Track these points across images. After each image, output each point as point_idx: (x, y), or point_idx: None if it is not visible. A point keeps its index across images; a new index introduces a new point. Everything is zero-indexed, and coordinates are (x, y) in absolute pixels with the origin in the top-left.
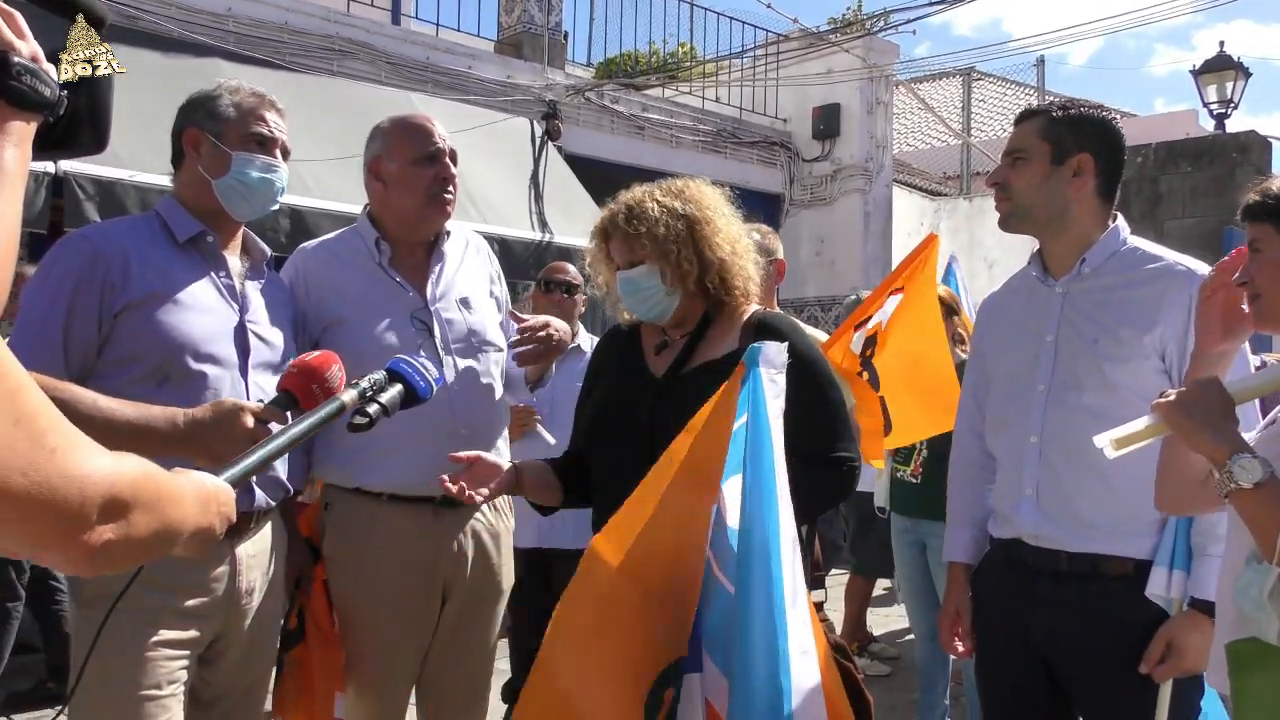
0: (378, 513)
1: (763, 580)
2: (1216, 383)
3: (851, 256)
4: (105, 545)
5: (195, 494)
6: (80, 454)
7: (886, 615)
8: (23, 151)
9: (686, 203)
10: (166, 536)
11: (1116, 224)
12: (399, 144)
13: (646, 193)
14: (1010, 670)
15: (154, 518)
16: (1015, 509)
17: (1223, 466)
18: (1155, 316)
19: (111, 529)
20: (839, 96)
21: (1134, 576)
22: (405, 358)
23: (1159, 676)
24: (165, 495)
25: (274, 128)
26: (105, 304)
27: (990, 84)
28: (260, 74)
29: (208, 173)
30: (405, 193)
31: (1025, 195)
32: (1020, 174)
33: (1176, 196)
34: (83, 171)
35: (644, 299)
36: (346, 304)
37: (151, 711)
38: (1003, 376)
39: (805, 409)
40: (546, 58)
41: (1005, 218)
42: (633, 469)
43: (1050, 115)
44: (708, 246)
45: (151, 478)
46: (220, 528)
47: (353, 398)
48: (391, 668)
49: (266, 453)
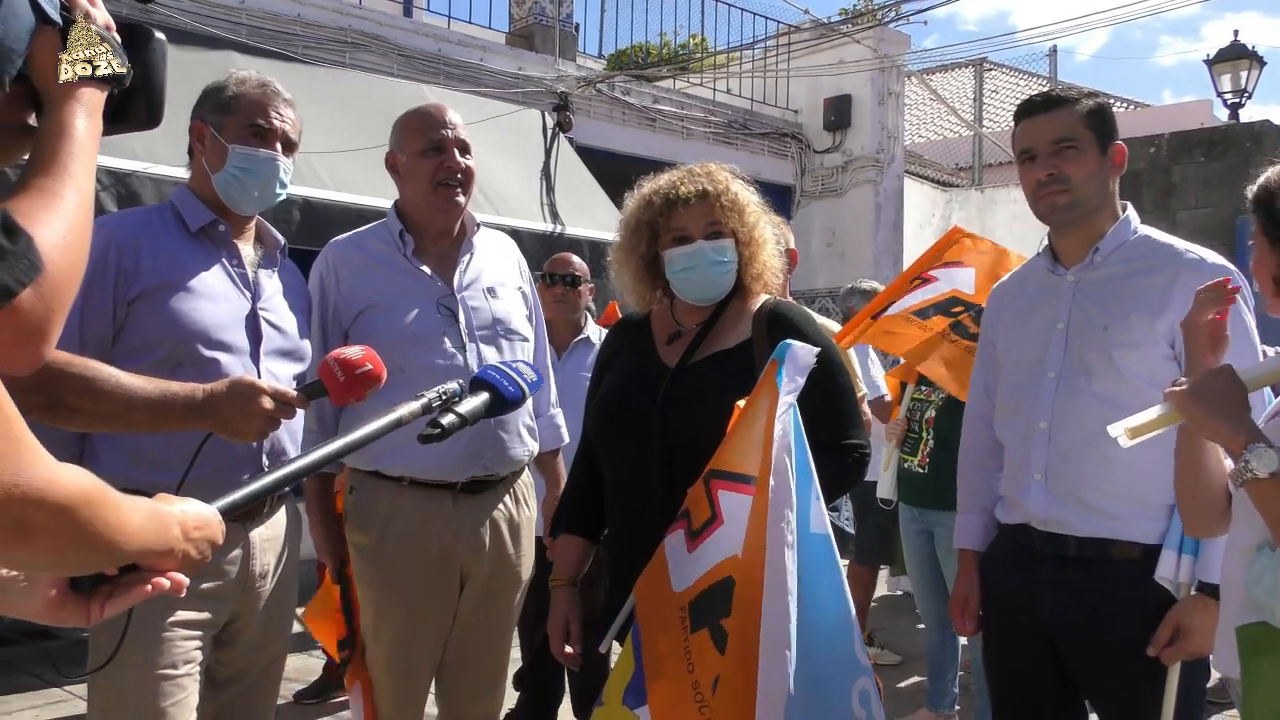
0: (398, 498)
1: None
2: (1230, 371)
3: (863, 248)
4: (17, 543)
5: (146, 518)
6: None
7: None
8: (94, 122)
9: (747, 189)
10: (89, 549)
11: (1127, 214)
12: (407, 137)
13: (714, 170)
14: (1018, 655)
15: (77, 530)
16: (1024, 494)
17: (1239, 456)
18: (1165, 304)
19: (30, 530)
20: (850, 87)
21: (1141, 561)
22: (494, 365)
23: (1167, 659)
24: (100, 515)
25: (275, 119)
26: (119, 292)
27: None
28: (272, 66)
29: (208, 165)
30: (413, 184)
31: (1085, 185)
32: (1076, 164)
33: (1189, 187)
34: (99, 163)
35: (723, 271)
36: (375, 294)
37: (168, 690)
38: (1013, 363)
39: (816, 397)
40: (558, 50)
41: (1062, 210)
42: (644, 458)
43: (1085, 103)
44: (755, 230)
45: (89, 497)
46: (199, 553)
47: (413, 411)
48: (410, 653)
49: (289, 473)
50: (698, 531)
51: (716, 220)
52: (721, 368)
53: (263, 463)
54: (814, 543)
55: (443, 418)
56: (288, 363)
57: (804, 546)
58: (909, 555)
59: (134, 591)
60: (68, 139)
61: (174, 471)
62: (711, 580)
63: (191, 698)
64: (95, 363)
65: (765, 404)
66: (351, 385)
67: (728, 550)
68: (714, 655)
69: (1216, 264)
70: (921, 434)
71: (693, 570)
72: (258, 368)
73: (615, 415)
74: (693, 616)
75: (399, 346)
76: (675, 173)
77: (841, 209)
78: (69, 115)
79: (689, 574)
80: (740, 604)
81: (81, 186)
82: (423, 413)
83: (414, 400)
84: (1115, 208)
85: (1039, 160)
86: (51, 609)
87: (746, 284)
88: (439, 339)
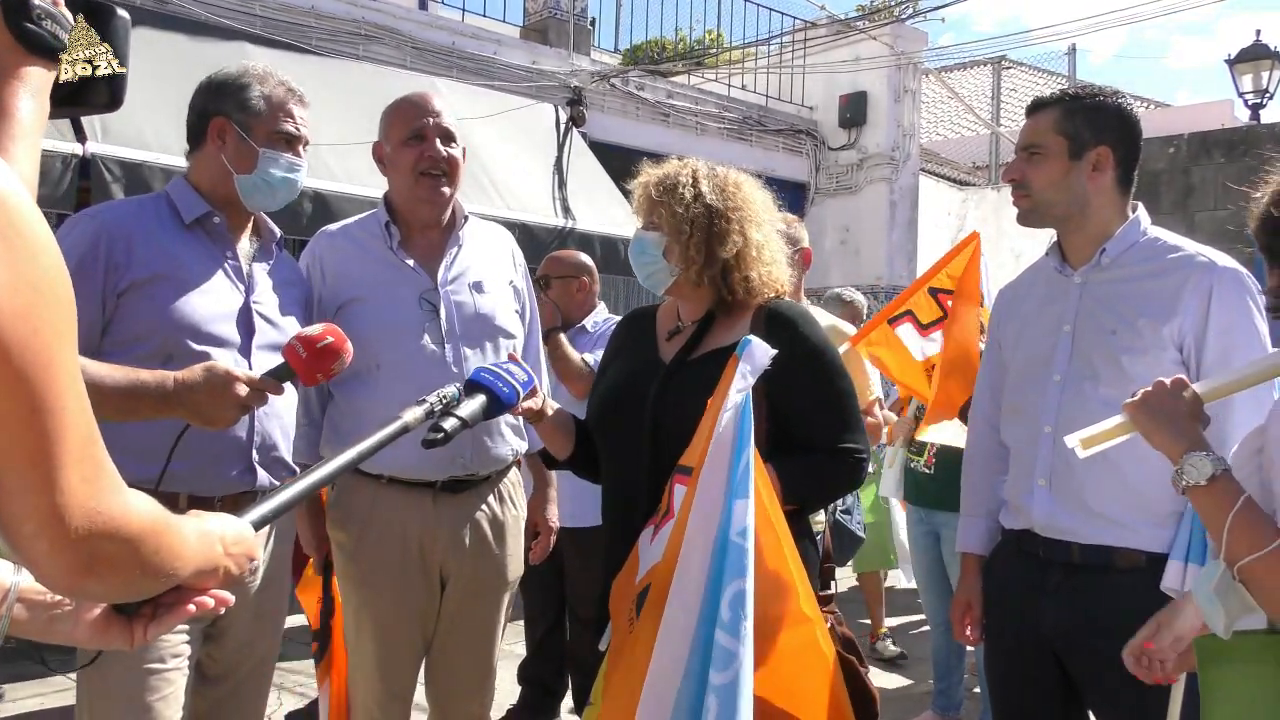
0: (377, 495)
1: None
2: (1181, 382)
3: (877, 246)
4: (91, 574)
5: (198, 539)
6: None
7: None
8: (40, 103)
9: (722, 195)
10: (154, 577)
11: (1136, 215)
12: (390, 125)
13: (690, 169)
14: (1020, 661)
15: (144, 560)
16: (1027, 499)
17: (1176, 464)
18: (1174, 307)
19: (104, 562)
20: (866, 84)
21: (1146, 569)
22: (487, 367)
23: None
24: (165, 542)
25: (299, 123)
26: (109, 283)
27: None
28: (286, 58)
29: (232, 165)
30: (397, 174)
31: (1044, 192)
32: (1038, 170)
33: (1209, 188)
34: (109, 154)
35: (645, 264)
36: (358, 286)
37: (155, 685)
38: (1018, 366)
39: (814, 399)
40: (572, 44)
41: (1024, 214)
42: (636, 452)
43: (1065, 106)
44: (719, 244)
45: (155, 526)
46: (238, 568)
47: (418, 416)
48: (391, 651)
49: (313, 482)
50: (658, 525)
51: (652, 215)
52: (716, 366)
53: (253, 457)
54: (728, 548)
55: (444, 421)
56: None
57: (716, 551)
58: (915, 556)
59: (177, 612)
60: (9, 121)
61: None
62: (652, 576)
63: (179, 692)
64: None
65: (722, 398)
66: (315, 361)
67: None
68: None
69: (1228, 266)
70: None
71: (647, 562)
72: (249, 361)
73: (610, 408)
74: (637, 608)
75: (378, 339)
76: (666, 164)
77: (856, 207)
78: (11, 96)
79: (645, 565)
80: (652, 595)
81: (23, 172)
82: (425, 417)
83: (416, 405)
84: (1121, 207)
85: (1012, 163)
86: (97, 633)
87: (729, 297)
88: (419, 334)
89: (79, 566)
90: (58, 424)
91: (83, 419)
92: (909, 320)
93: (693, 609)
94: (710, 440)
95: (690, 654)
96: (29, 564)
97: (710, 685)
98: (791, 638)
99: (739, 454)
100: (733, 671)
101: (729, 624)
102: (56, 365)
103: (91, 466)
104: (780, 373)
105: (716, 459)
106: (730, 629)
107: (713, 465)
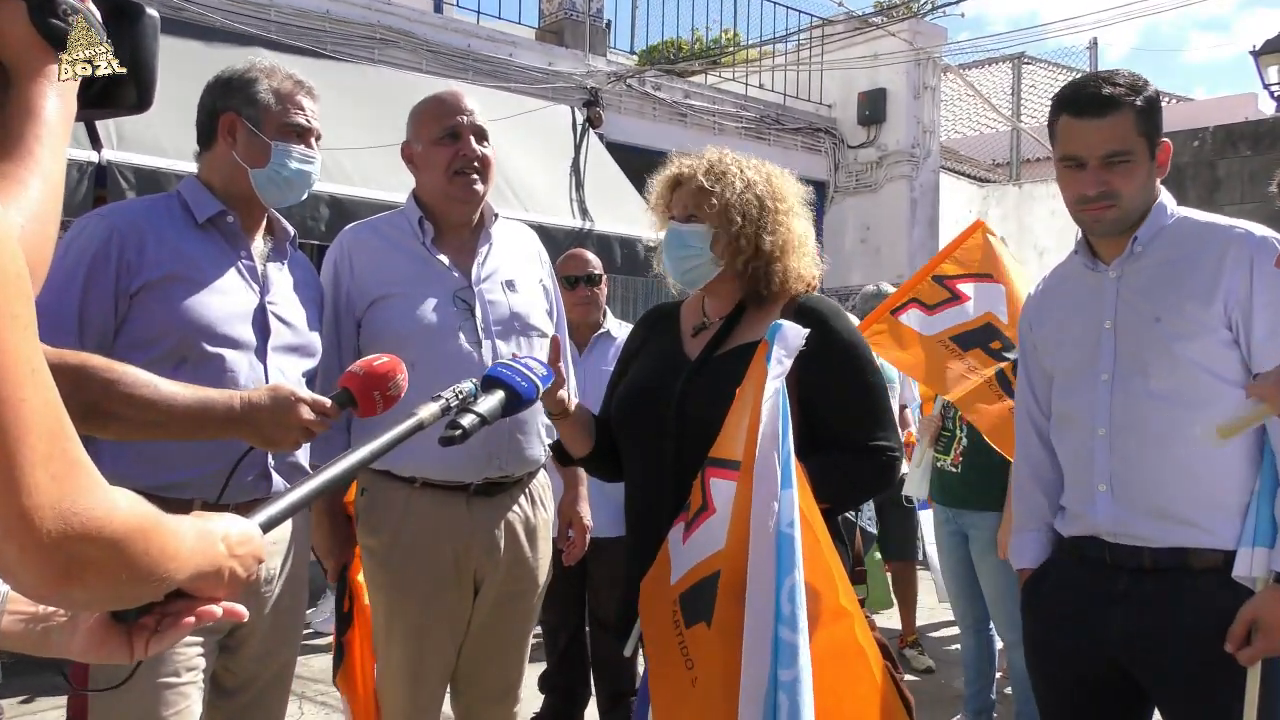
0: (410, 499)
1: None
2: None
3: (897, 244)
4: (71, 580)
5: (196, 539)
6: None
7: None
8: (66, 103)
9: (769, 184)
10: (144, 581)
11: (1161, 198)
12: (422, 125)
13: (734, 158)
14: (1075, 667)
15: (131, 562)
16: (1088, 507)
17: None
18: (1217, 284)
19: (85, 566)
20: (885, 81)
21: (1223, 569)
22: (505, 362)
23: (1245, 660)
24: (155, 543)
25: (310, 115)
26: (122, 284)
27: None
28: (302, 63)
29: (244, 161)
30: (430, 173)
31: (1134, 198)
32: (1128, 179)
33: (1235, 181)
34: (125, 161)
35: (687, 257)
36: (390, 283)
37: (170, 700)
38: (1062, 371)
39: (846, 395)
40: (588, 45)
41: (1111, 223)
42: (661, 450)
43: (1138, 106)
44: (768, 235)
45: (143, 525)
46: (245, 570)
47: (433, 413)
48: (422, 658)
49: (325, 481)
50: (691, 521)
51: (700, 205)
52: (744, 362)
53: (268, 463)
54: (781, 541)
55: (462, 418)
56: (296, 358)
57: (777, 546)
58: (943, 557)
59: (181, 625)
60: (34, 121)
61: (181, 471)
62: (703, 573)
63: (195, 705)
64: (133, 368)
65: (754, 387)
66: (370, 381)
67: (719, 541)
68: (714, 648)
69: (1265, 236)
70: (955, 432)
71: (685, 561)
72: (264, 364)
73: (634, 406)
74: (685, 611)
75: (412, 339)
76: (702, 153)
77: (876, 205)
78: (37, 95)
79: (683, 565)
80: (725, 595)
81: (49, 173)
82: (441, 414)
83: (432, 401)
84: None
85: (1088, 171)
86: (94, 646)
87: (764, 291)
88: (454, 333)
89: (56, 572)
90: (16, 418)
91: (48, 412)
92: (914, 306)
93: (768, 607)
94: (758, 431)
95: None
96: (1, 571)
97: (780, 682)
98: (831, 635)
99: (783, 443)
100: (798, 667)
101: (789, 618)
102: (9, 353)
103: (63, 464)
104: (811, 367)
105: (767, 450)
106: (790, 623)
107: (764, 457)
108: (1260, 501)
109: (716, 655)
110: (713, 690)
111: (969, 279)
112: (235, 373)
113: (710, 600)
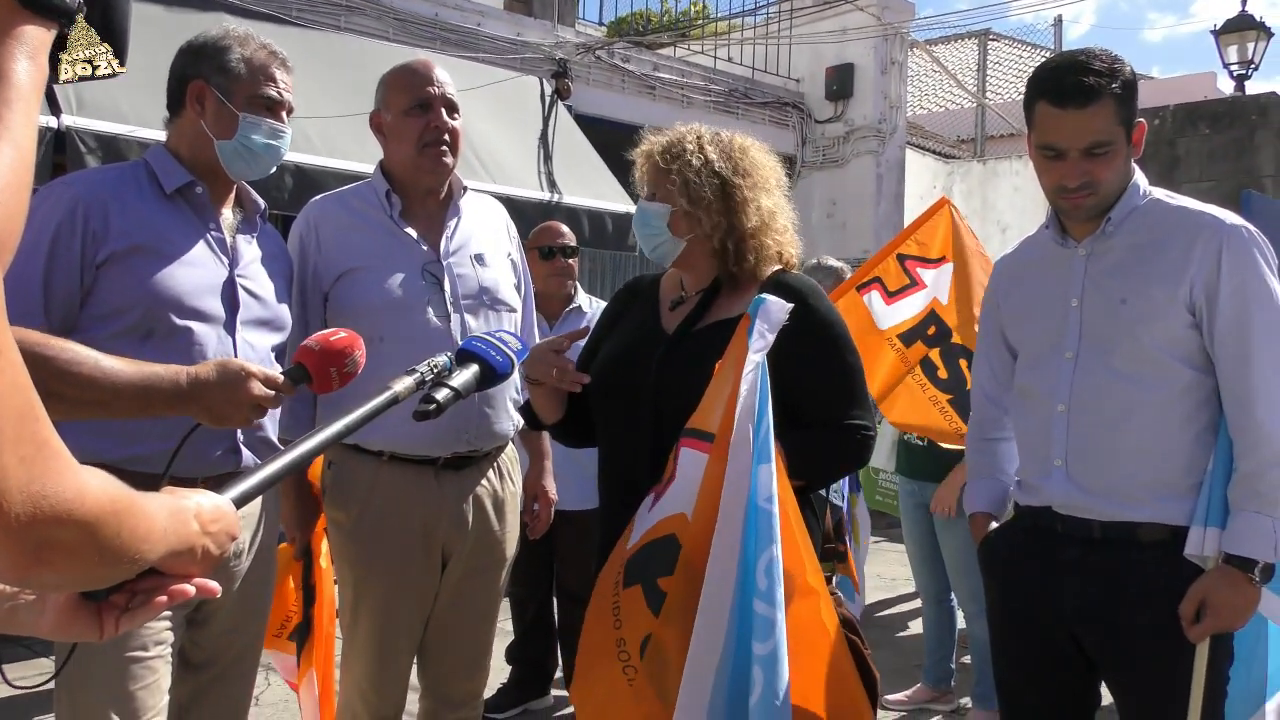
0: (378, 473)
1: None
2: None
3: (863, 219)
4: (41, 563)
5: (168, 517)
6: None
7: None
8: (38, 65)
9: (730, 161)
10: (117, 563)
11: (1135, 178)
12: (393, 95)
13: (695, 135)
14: (1031, 636)
15: (104, 545)
16: (1044, 480)
17: None
18: (1184, 270)
19: (56, 549)
20: (853, 56)
21: (1170, 542)
22: (480, 336)
23: (1194, 637)
24: (128, 525)
25: (283, 88)
26: (87, 254)
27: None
28: (266, 29)
29: (211, 131)
30: (400, 144)
31: (1110, 186)
32: (1108, 168)
33: (1194, 159)
34: (85, 127)
35: (650, 236)
36: (358, 255)
37: (138, 673)
38: (1027, 346)
39: (823, 373)
40: (557, 15)
41: (1085, 211)
42: (637, 423)
43: (1117, 95)
44: (730, 212)
45: (115, 507)
46: (218, 547)
47: (408, 386)
48: (391, 633)
49: (297, 456)
50: (659, 492)
51: (659, 185)
52: (721, 337)
53: (237, 437)
54: (758, 516)
55: (436, 393)
56: (266, 332)
57: (748, 519)
58: (906, 528)
59: (152, 604)
60: (4, 84)
61: (144, 444)
62: (653, 536)
63: (163, 680)
64: (73, 344)
65: (734, 362)
66: (326, 358)
67: (675, 507)
68: (645, 614)
69: (1236, 224)
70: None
71: (642, 527)
72: (233, 337)
73: (610, 379)
74: (627, 572)
75: (380, 313)
76: (670, 131)
77: (843, 180)
78: (6, 57)
79: (639, 531)
80: (685, 567)
81: (18, 139)
82: (416, 388)
83: (406, 375)
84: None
85: (1069, 163)
86: (63, 624)
87: (735, 269)
88: (422, 307)
89: (25, 556)
90: None
91: (16, 393)
92: (876, 288)
93: (730, 580)
94: (735, 404)
95: (729, 626)
96: None
97: (755, 656)
98: (798, 612)
99: (760, 417)
100: (774, 641)
101: (765, 592)
102: None
103: (31, 445)
104: (789, 345)
105: (744, 424)
106: (767, 597)
107: (741, 430)
108: (1214, 482)
109: (664, 621)
110: (657, 655)
111: (929, 265)
112: (203, 346)
113: (665, 565)
